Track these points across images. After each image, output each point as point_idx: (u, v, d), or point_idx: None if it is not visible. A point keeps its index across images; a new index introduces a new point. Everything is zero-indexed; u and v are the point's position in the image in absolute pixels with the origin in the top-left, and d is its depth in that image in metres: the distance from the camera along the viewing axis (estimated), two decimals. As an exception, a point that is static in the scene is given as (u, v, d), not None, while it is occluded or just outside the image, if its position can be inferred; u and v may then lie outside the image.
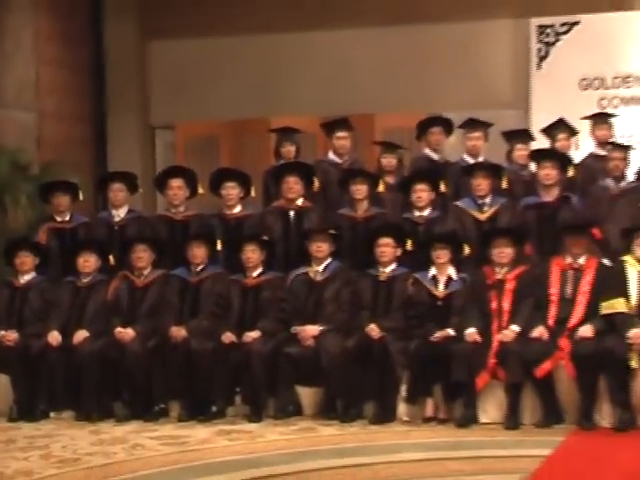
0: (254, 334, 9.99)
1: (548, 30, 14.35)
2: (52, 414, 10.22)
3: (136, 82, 15.85)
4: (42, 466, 8.04)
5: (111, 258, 10.82)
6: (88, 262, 10.59)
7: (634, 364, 9.23)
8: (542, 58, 14.36)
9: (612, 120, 11.93)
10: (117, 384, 10.18)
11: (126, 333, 10.12)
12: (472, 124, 11.60)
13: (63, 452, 8.62)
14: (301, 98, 14.74)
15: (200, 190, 11.30)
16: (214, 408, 9.95)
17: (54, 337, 10.24)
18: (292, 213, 11.03)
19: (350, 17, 14.80)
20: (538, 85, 14.33)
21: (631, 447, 8.70)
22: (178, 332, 10.07)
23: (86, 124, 15.76)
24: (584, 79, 14.19)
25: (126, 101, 15.70)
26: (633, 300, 9.54)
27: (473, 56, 14.81)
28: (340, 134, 11.70)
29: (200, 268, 10.53)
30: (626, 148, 11.11)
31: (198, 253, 10.49)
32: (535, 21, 14.41)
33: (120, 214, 11.31)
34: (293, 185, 11.01)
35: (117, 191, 11.31)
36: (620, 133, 11.99)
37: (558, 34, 14.31)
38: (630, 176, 11.02)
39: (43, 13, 14.66)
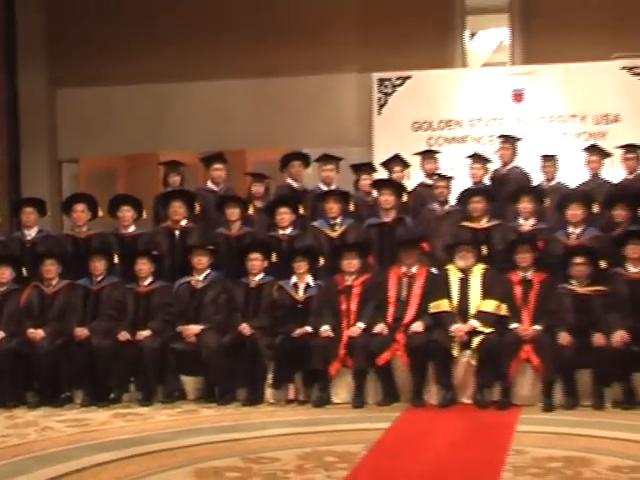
0: (145, 333, 9.97)
1: (386, 82, 14.52)
2: (-27, 402, 10.11)
3: (46, 122, 15.69)
4: (-36, 447, 7.97)
5: (24, 270, 10.65)
6: (4, 274, 10.44)
7: (455, 353, 9.48)
8: (382, 105, 14.51)
9: (437, 156, 12.19)
10: (29, 376, 10.02)
11: (37, 333, 9.98)
12: (326, 158, 11.69)
13: (-18, 435, 8.58)
14: (185, 136, 14.74)
15: (100, 213, 11.23)
16: (112, 395, 9.89)
17: (-25, 338, 10.17)
18: (177, 232, 11.02)
19: (225, 70, 14.85)
20: (379, 127, 14.48)
21: (454, 420, 8.94)
22: (81, 332, 9.98)
23: (2, 157, 15.56)
24: (415, 122, 14.37)
25: (37, 138, 15.57)
26: (455, 301, 9.77)
27: (327, 103, 14.91)
28: (217, 166, 11.76)
29: (100, 278, 10.45)
30: (449, 178, 11.31)
31: (98, 266, 10.43)
32: (376, 75, 14.58)
33: (31, 233, 11.16)
34: (178, 209, 11.03)
35: (29, 214, 11.18)
36: (444, 166, 12.18)
37: (394, 86, 14.49)
38: (452, 201, 11.19)
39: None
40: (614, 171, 11.73)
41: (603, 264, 9.83)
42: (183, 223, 11.07)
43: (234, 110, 14.92)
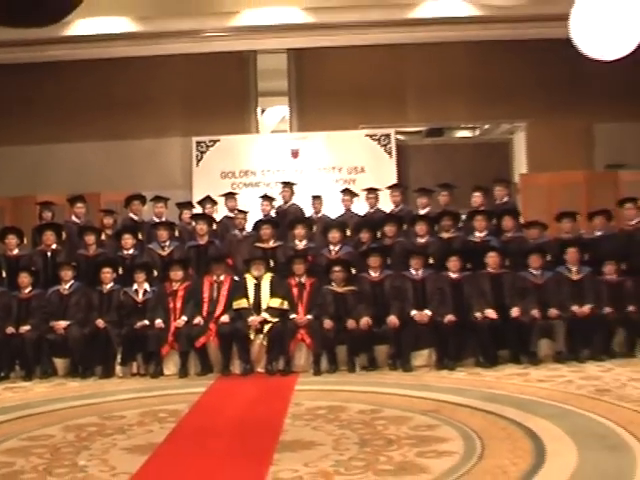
0: (27, 327, 9.71)
1: (202, 144, 14.49)
2: None
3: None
4: None
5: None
6: None
7: (252, 336, 9.54)
8: (199, 160, 14.47)
9: (237, 196, 12.19)
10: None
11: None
12: (158, 198, 11.63)
13: None
14: (56, 182, 14.39)
15: (-8, 240, 10.94)
16: (2, 374, 9.59)
17: None
18: (49, 253, 10.77)
19: (84, 135, 14.68)
20: (197, 176, 14.42)
21: (252, 385, 9.01)
22: (-22, 329, 9.73)
23: None
24: (222, 172, 14.38)
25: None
26: (251, 300, 9.80)
27: (159, 158, 14.88)
28: (78, 205, 11.55)
29: (-9, 288, 10.22)
30: (245, 212, 11.37)
31: (-10, 279, 10.20)
32: (194, 138, 14.53)
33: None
34: (50, 236, 10.79)
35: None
36: (242, 203, 12.14)
37: (208, 146, 14.49)
38: (248, 228, 11.26)
39: None
40: (360, 206, 11.97)
41: (354, 271, 10.03)
42: (54, 247, 10.83)
43: (91, 164, 14.73)
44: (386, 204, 11.84)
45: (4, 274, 10.51)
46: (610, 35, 7.77)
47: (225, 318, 9.68)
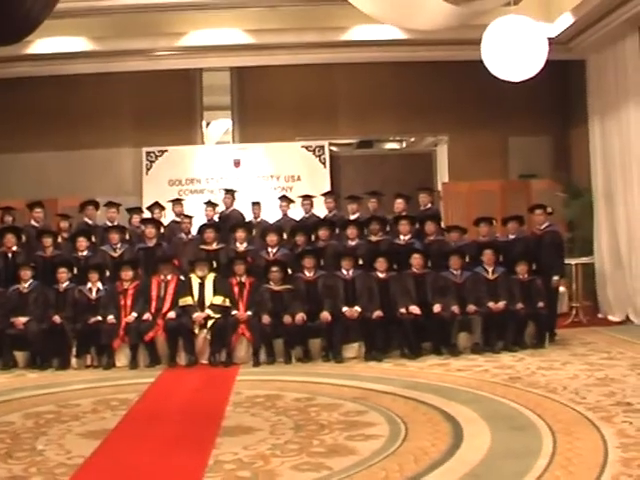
0: (-13, 324, 9.64)
1: (151, 154, 14.25)
2: None
3: None
4: None
5: None
6: None
7: (196, 331, 9.56)
8: (148, 169, 14.27)
9: (183, 202, 12.13)
10: None
11: None
12: (110, 204, 11.49)
13: None
14: (16, 189, 14.08)
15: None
16: (-36, 366, 9.50)
17: None
18: (10, 255, 10.55)
19: (43, 145, 14.43)
20: (147, 183, 14.20)
21: (196, 375, 9.04)
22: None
23: None
24: (170, 180, 14.13)
25: None
26: (196, 298, 9.81)
27: (112, 167, 14.65)
28: (37, 210, 11.32)
29: (-46, 287, 10.03)
30: (191, 217, 11.30)
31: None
32: (144, 149, 14.28)
33: None
34: (10, 239, 10.55)
35: None
36: (188, 209, 12.05)
37: (157, 156, 14.31)
38: (193, 232, 11.22)
39: None
40: (296, 212, 11.98)
41: (290, 271, 10.05)
42: (14, 248, 10.61)
43: (49, 172, 14.43)
44: (320, 210, 11.89)
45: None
46: (517, 59, 7.97)
47: (172, 314, 9.66)
